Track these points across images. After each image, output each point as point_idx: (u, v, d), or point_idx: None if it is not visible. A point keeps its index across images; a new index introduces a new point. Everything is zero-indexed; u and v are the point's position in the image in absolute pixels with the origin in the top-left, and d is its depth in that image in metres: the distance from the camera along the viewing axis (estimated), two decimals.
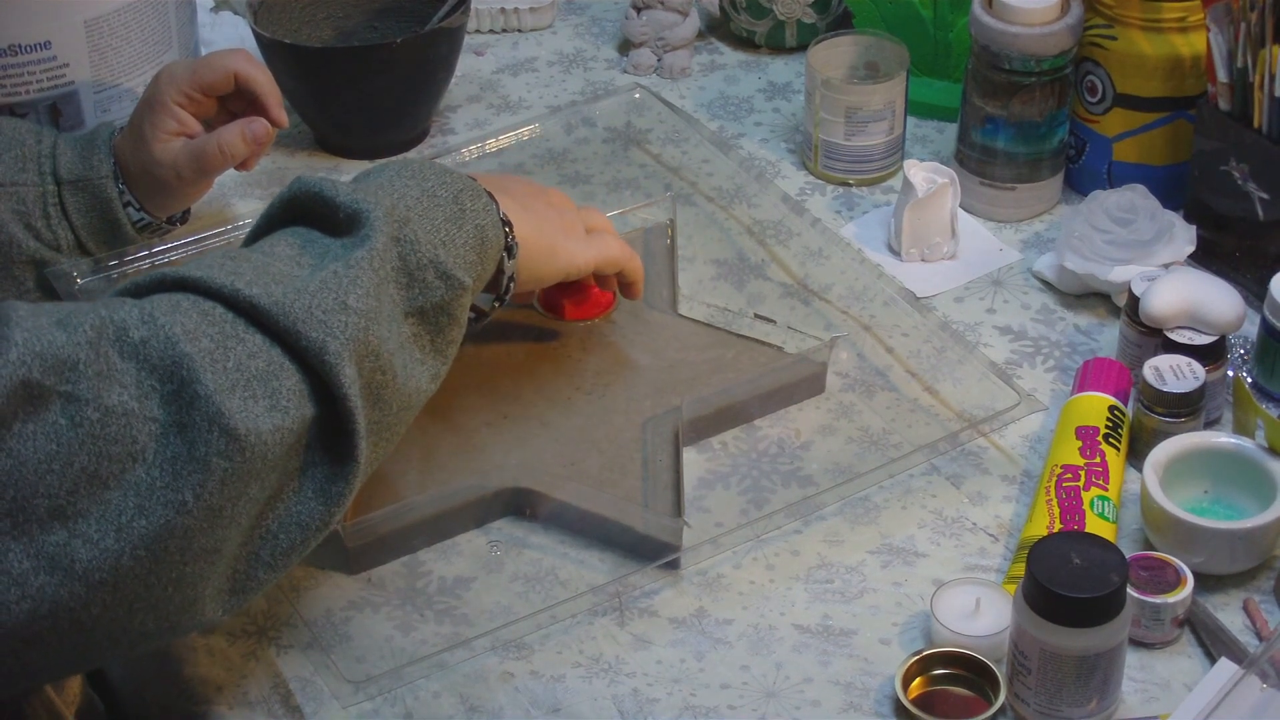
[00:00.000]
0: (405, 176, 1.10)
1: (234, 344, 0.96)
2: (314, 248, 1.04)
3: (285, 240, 1.04)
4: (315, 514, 0.99)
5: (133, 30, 1.44)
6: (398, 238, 1.05)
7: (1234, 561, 1.14)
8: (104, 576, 0.92)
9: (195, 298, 0.97)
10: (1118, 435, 1.21)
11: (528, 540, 1.19)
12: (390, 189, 1.08)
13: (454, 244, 1.08)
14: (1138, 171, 1.42)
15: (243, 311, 0.98)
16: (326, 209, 1.05)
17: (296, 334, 0.98)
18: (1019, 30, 1.37)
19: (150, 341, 0.94)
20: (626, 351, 1.29)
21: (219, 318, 0.97)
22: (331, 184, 1.06)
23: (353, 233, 1.04)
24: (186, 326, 0.95)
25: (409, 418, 1.06)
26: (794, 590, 1.16)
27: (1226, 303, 1.24)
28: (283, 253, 1.03)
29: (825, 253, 1.38)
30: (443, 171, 1.11)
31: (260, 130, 1.33)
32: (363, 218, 1.04)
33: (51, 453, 0.90)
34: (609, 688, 1.10)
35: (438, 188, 1.10)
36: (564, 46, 1.67)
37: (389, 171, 1.11)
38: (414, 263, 1.05)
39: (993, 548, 1.18)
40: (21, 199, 1.31)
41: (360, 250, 1.02)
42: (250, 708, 1.10)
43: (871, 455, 1.23)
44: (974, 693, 1.08)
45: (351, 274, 1.01)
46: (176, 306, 0.96)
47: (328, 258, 1.02)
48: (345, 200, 1.05)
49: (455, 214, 1.09)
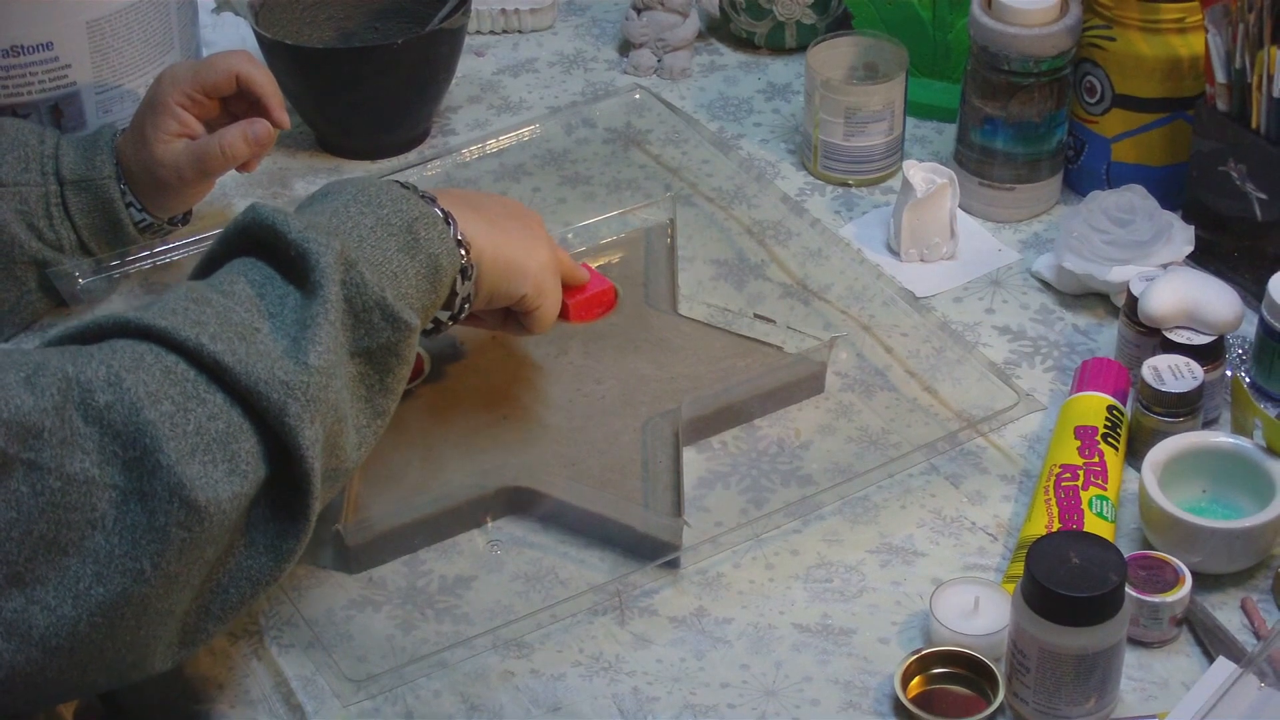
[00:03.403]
0: (360, 203, 1.08)
1: (195, 405, 0.95)
2: (271, 292, 1.02)
3: (242, 280, 1.02)
4: (265, 569, 0.99)
5: (134, 31, 1.44)
6: (345, 280, 1.02)
7: (1232, 561, 1.14)
8: (61, 643, 0.92)
9: (159, 351, 0.96)
10: (1116, 435, 1.22)
11: (528, 539, 1.19)
12: (343, 217, 1.06)
13: (404, 277, 1.06)
14: (1136, 172, 1.42)
15: (206, 369, 0.96)
16: (277, 243, 1.03)
17: (258, 395, 0.97)
18: (1018, 31, 1.38)
19: (115, 406, 0.93)
20: (626, 351, 1.29)
21: (181, 375, 0.96)
22: (283, 218, 1.03)
23: (305, 277, 1.02)
24: (149, 387, 0.94)
25: (361, 457, 1.05)
26: (793, 589, 1.16)
27: (1225, 303, 1.24)
28: (241, 293, 1.01)
29: (825, 253, 1.38)
30: (399, 197, 1.09)
31: (262, 131, 1.33)
32: (311, 260, 1.02)
33: (11, 520, 0.90)
34: (609, 686, 1.10)
35: (392, 215, 1.08)
36: (564, 47, 1.67)
37: (344, 195, 1.09)
38: (360, 304, 1.03)
39: (992, 547, 1.18)
40: (24, 199, 1.32)
41: (315, 304, 1.00)
42: (251, 706, 1.10)
43: (871, 455, 1.23)
44: (973, 692, 1.08)
45: (310, 333, 0.99)
46: (140, 362, 0.95)
47: (286, 308, 1.01)
48: (295, 238, 1.02)
49: (408, 244, 1.07)
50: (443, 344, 1.28)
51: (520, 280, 1.16)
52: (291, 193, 1.49)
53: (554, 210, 1.44)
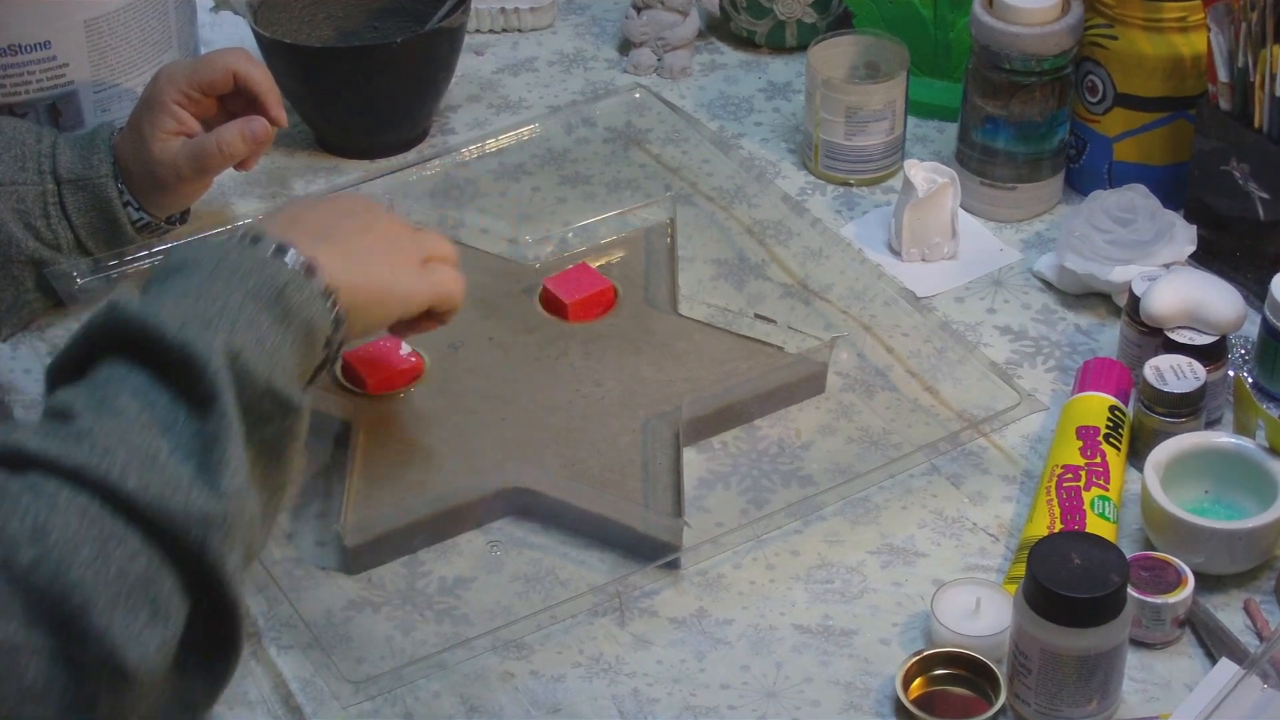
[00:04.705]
0: (224, 276, 1.01)
1: (114, 546, 0.91)
2: (158, 402, 0.96)
3: (125, 392, 0.96)
4: (200, 691, 0.96)
5: (132, 30, 1.44)
6: (235, 378, 0.98)
7: (1234, 562, 1.14)
8: None
9: (73, 490, 0.92)
10: (1118, 435, 1.21)
11: (528, 540, 1.19)
12: (211, 299, 1.00)
13: (283, 352, 1.01)
14: (1138, 171, 1.42)
15: (120, 508, 0.92)
16: (153, 344, 0.97)
17: (175, 533, 0.93)
18: (1019, 30, 1.37)
19: (40, 565, 0.89)
20: (626, 352, 1.29)
21: (96, 516, 0.91)
22: (155, 315, 0.97)
23: (194, 386, 0.96)
24: (67, 533, 0.90)
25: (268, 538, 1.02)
26: (794, 590, 1.16)
27: (1227, 303, 1.24)
28: (128, 409, 0.95)
29: (825, 253, 1.38)
30: (262, 263, 1.03)
31: (259, 129, 1.33)
32: (199, 366, 0.96)
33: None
34: (609, 688, 1.10)
35: (259, 286, 1.02)
36: (564, 46, 1.67)
37: (203, 269, 1.02)
38: (249, 396, 0.98)
39: (993, 548, 1.18)
40: (21, 198, 1.31)
41: (214, 418, 0.96)
42: (250, 708, 1.09)
43: (872, 455, 1.23)
44: (974, 693, 1.08)
45: (216, 454, 0.95)
46: (54, 504, 0.91)
47: (179, 421, 0.96)
48: (174, 340, 0.96)
49: (281, 315, 1.02)
50: (441, 345, 1.28)
51: (392, 305, 1.13)
52: (290, 192, 1.48)
53: (554, 210, 1.44)
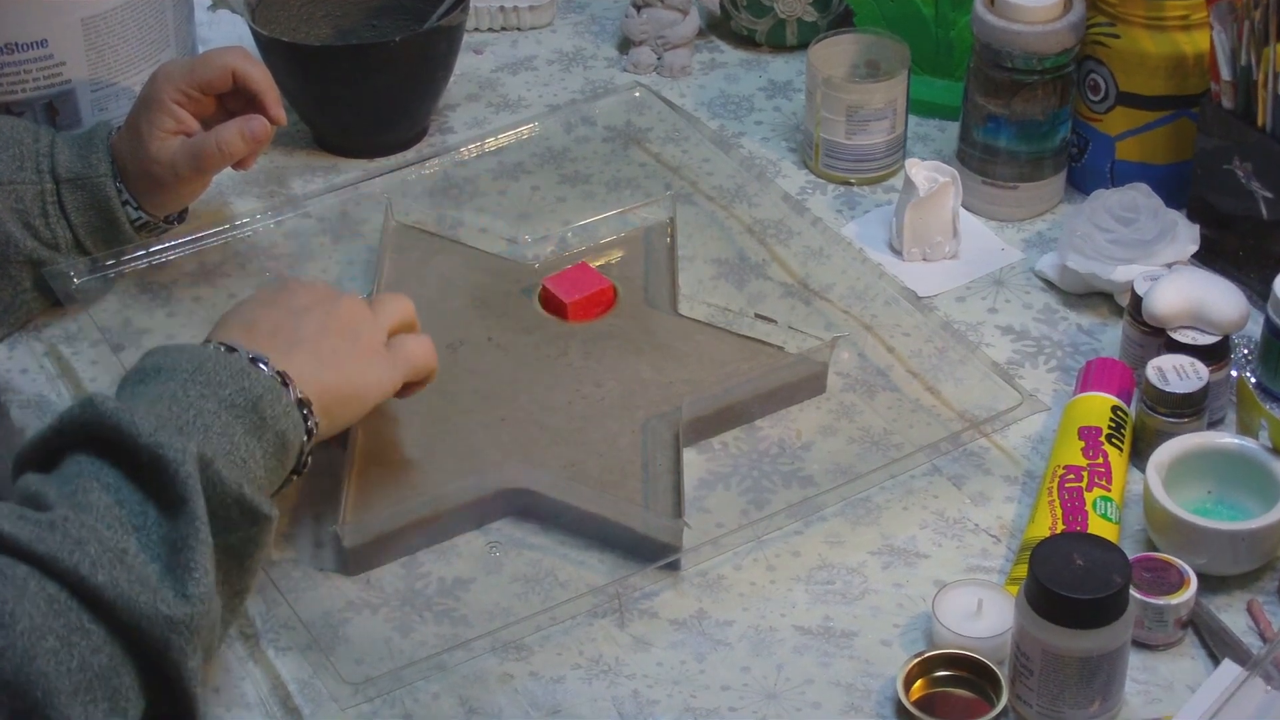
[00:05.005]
0: (200, 384, 1.04)
1: (79, 638, 0.94)
2: (129, 500, 0.98)
3: (95, 487, 0.98)
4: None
5: (130, 29, 1.44)
6: (206, 483, 1.00)
7: (1237, 562, 1.14)
8: None
9: (42, 579, 0.94)
10: (1120, 435, 1.21)
11: (527, 541, 1.18)
12: (184, 405, 1.03)
13: (254, 462, 1.04)
14: (1140, 170, 1.41)
15: (87, 600, 0.95)
16: (126, 445, 0.99)
17: (140, 632, 0.95)
18: (1021, 28, 1.37)
19: (5, 655, 0.91)
20: (626, 352, 1.29)
21: (64, 606, 0.94)
22: (129, 418, 0.99)
23: (166, 489, 0.98)
24: (34, 621, 0.92)
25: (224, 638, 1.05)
26: (795, 591, 1.15)
27: (1230, 302, 1.23)
28: (99, 504, 0.97)
29: (826, 252, 1.37)
30: (239, 373, 1.06)
31: (258, 128, 1.33)
32: (170, 470, 0.98)
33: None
34: (609, 689, 1.10)
35: (235, 395, 1.04)
36: (563, 45, 1.67)
37: (180, 375, 1.05)
38: (218, 502, 1.00)
39: (995, 549, 1.18)
40: (20, 197, 1.31)
41: (184, 522, 0.98)
42: (249, 709, 1.09)
43: (873, 455, 1.23)
44: (976, 694, 1.08)
45: (184, 558, 0.97)
46: (23, 591, 0.93)
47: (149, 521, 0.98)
48: (147, 443, 0.99)
49: (255, 425, 1.05)
50: (441, 345, 1.27)
51: (368, 398, 1.14)
52: (288, 191, 1.48)
53: (553, 209, 1.44)
